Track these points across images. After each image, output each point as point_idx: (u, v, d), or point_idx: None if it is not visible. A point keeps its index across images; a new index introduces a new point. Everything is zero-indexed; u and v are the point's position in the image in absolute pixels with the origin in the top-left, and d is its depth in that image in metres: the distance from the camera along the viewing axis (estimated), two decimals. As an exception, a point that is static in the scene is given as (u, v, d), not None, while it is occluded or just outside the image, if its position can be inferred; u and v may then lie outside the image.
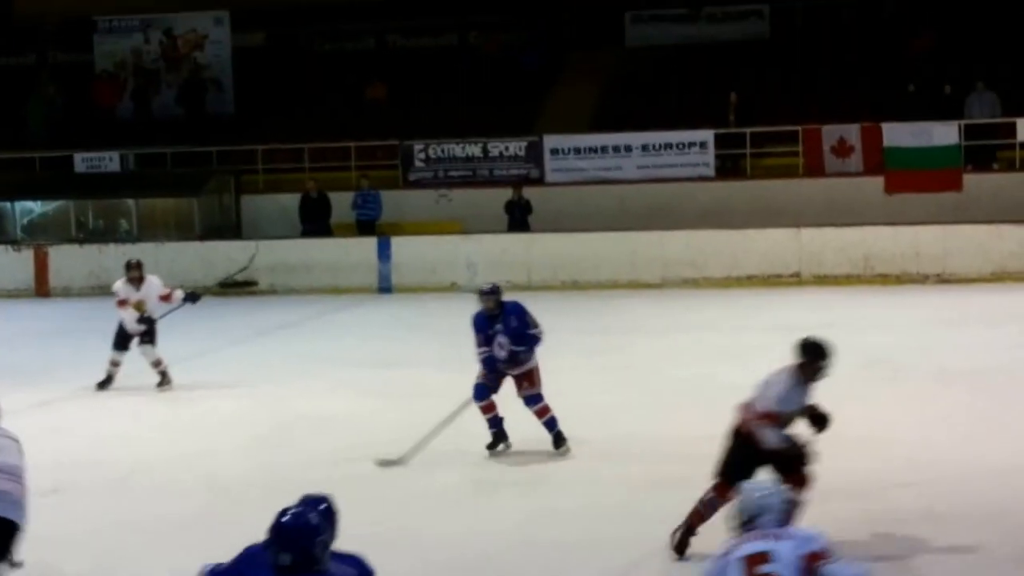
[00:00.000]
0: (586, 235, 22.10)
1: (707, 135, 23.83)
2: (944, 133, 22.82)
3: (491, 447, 11.04)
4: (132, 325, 14.26)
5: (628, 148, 24.11)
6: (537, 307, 17.10)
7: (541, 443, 11.15)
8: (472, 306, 11.27)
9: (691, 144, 23.84)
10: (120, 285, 14.47)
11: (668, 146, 23.96)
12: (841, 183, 22.97)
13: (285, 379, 14.46)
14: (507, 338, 10.83)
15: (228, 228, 25.03)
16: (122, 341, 14.37)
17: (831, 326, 16.34)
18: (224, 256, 22.01)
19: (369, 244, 22.75)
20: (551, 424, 11.00)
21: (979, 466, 10.03)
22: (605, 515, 9.23)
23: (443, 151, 24.88)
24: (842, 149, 23.26)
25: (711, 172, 23.82)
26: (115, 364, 14.36)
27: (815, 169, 23.40)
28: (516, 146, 24.56)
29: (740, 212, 22.40)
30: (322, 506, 4.96)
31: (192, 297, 14.73)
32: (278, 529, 4.76)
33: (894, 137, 22.94)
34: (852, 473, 9.88)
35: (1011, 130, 22.97)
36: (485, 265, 21.82)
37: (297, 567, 4.70)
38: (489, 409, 11.01)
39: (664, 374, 14.31)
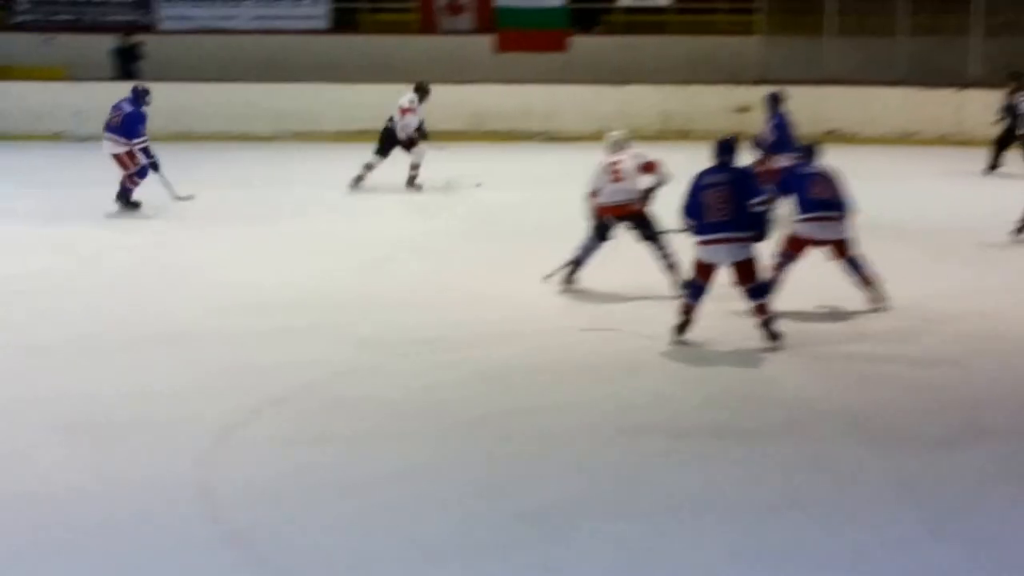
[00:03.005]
0: (198, 85, 21.52)
1: (322, -12, 23.54)
2: (552, -5, 23.29)
3: None
4: (407, 131, 16.44)
5: (242, -2, 23.61)
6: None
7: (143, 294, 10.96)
8: (78, 155, 10.80)
9: (305, -4, 23.52)
10: (414, 98, 16.73)
11: (283, -3, 23.58)
12: (453, 41, 23.12)
13: None
14: None
15: None
16: (384, 149, 16.60)
17: (439, 186, 16.75)
18: None
19: (-35, 89, 21.53)
20: None
21: (571, 321, 10.33)
22: (208, 369, 9.07)
23: (49, -7, 23.74)
24: (454, 7, 23.39)
25: (325, 25, 23.57)
26: (370, 167, 16.53)
27: (428, 26, 23.47)
28: (126, -9, 23.64)
29: (354, 66, 22.25)
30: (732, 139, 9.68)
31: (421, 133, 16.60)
32: (721, 145, 9.54)
33: (505, -2, 23.26)
34: (457, 327, 10.04)
35: (614, -5, 23.66)
36: (93, 113, 20.94)
37: (728, 163, 9.47)
38: None
39: (278, 227, 14.16)
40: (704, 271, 9.43)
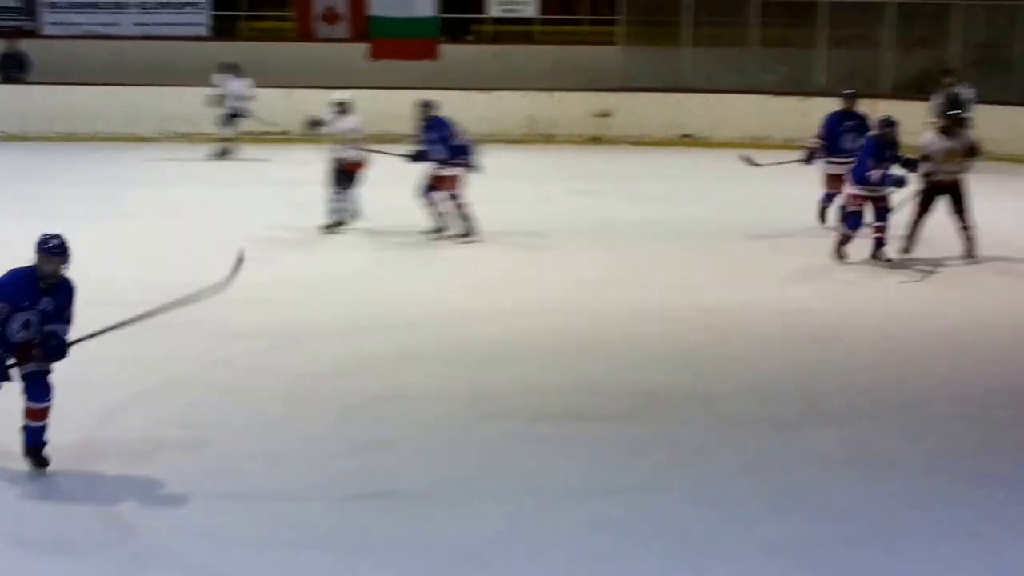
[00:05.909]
0: (82, 88, 21.16)
1: (203, -4, 23.31)
2: (423, 5, 23.23)
3: None
4: None
5: (125, 5, 23.22)
6: (32, 158, 16.42)
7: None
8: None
9: (186, 4, 23.21)
10: None
11: (164, 5, 23.24)
12: (330, 48, 23.01)
13: None
14: None
15: None
16: None
17: (317, 182, 16.63)
18: None
19: None
20: None
21: (439, 311, 10.35)
22: (86, 361, 8.92)
23: (-67, -2, 23.16)
24: (331, 16, 23.27)
25: (206, 32, 23.34)
26: None
27: (306, 34, 23.35)
28: (10, -3, 23.17)
29: (234, 72, 22.03)
30: None
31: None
32: None
33: (378, 7, 23.14)
34: (327, 319, 10.01)
35: (481, 5, 23.66)
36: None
37: None
38: None
39: (161, 224, 13.98)
40: None
